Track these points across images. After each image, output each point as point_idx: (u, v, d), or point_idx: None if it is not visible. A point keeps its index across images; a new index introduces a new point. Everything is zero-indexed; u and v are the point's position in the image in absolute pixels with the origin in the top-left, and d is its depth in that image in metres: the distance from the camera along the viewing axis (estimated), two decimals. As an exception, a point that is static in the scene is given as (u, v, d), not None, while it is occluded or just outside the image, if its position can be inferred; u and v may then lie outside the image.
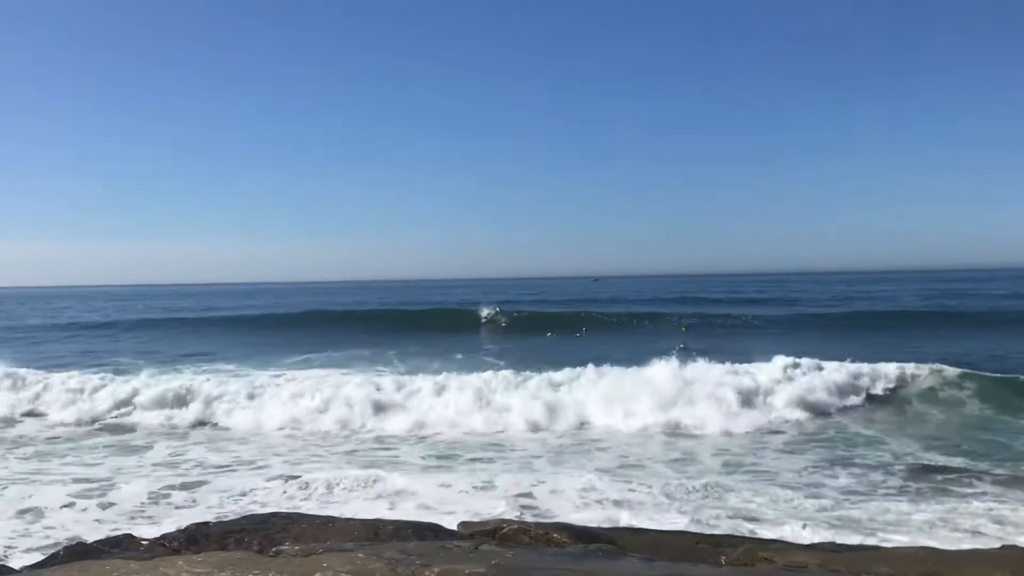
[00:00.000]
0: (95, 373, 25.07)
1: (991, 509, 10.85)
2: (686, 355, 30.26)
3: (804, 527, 9.99)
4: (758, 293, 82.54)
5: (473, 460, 15.87)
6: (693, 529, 10.05)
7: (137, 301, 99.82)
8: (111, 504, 12.75)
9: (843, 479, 12.76)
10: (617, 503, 11.83)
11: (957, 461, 13.97)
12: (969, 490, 11.87)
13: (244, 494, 13.19)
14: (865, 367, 20.53)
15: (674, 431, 17.80)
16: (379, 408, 19.93)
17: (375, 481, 13.54)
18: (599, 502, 11.95)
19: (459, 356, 29.58)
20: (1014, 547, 8.00)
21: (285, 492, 13.30)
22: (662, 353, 30.56)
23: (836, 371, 20.40)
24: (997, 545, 8.56)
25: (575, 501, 12.03)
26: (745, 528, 10.42)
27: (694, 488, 12.37)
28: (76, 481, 14.40)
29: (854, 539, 9.75)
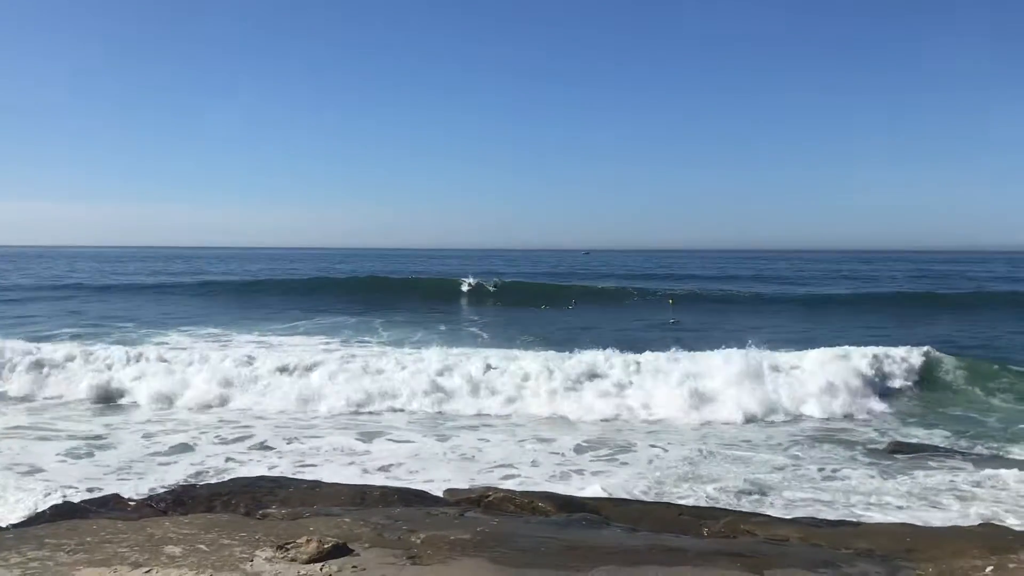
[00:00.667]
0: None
1: (962, 482, 11.00)
2: (677, 327, 30.47)
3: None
4: (746, 271, 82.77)
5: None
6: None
7: (128, 263, 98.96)
8: None
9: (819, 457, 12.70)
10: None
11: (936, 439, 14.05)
12: (946, 466, 11.99)
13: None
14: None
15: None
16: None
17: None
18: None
19: (442, 327, 29.39)
20: (991, 524, 8.12)
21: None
22: (652, 326, 30.74)
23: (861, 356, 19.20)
24: (976, 523, 8.68)
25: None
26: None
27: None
28: None
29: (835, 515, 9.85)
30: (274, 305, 37.44)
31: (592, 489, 10.57)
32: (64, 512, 7.53)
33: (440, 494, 9.13)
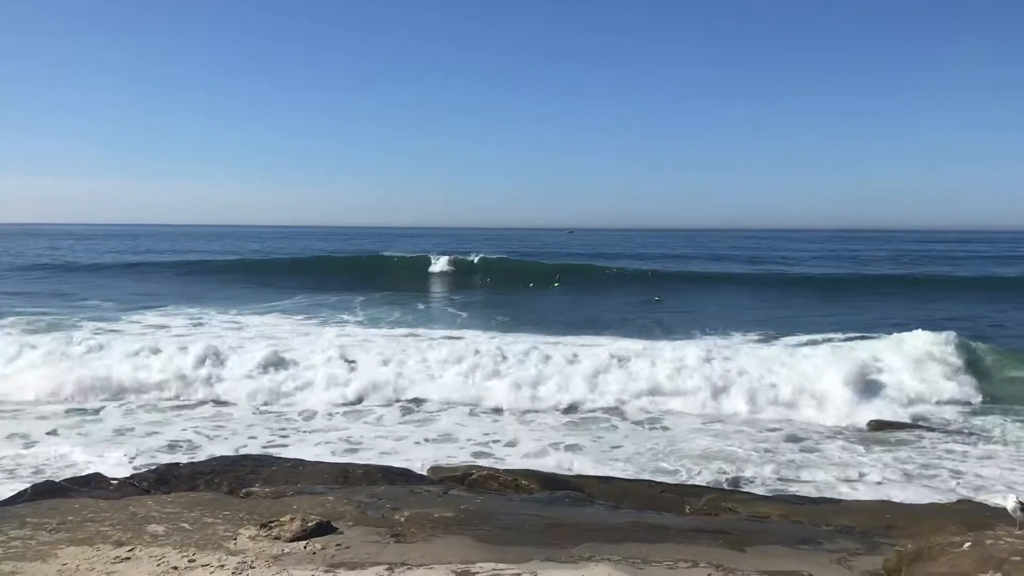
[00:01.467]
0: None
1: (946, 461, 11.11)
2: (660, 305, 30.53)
3: None
4: (730, 250, 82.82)
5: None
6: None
7: (118, 241, 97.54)
8: None
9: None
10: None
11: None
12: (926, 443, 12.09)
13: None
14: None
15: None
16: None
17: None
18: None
19: (421, 306, 29.29)
20: (969, 501, 8.22)
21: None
22: (637, 305, 30.75)
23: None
24: (954, 499, 8.79)
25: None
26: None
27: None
28: None
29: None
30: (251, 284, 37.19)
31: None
32: (45, 491, 7.47)
33: (424, 472, 9.16)
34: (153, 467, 9.11)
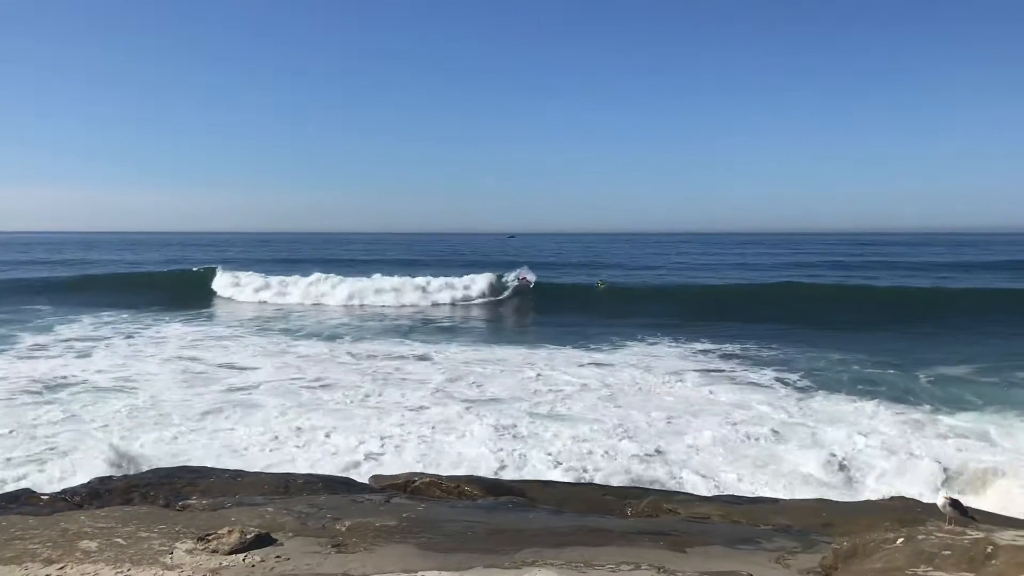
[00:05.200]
0: None
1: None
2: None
3: None
4: (670, 254, 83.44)
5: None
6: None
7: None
8: None
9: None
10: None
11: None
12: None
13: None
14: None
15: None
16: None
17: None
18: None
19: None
20: (902, 498, 8.42)
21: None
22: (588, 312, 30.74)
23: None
24: (887, 497, 8.99)
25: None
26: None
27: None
28: None
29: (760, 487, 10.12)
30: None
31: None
32: (-30, 509, 7.23)
33: (366, 480, 9.08)
34: (86, 481, 8.87)
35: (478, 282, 38.70)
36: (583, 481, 10.30)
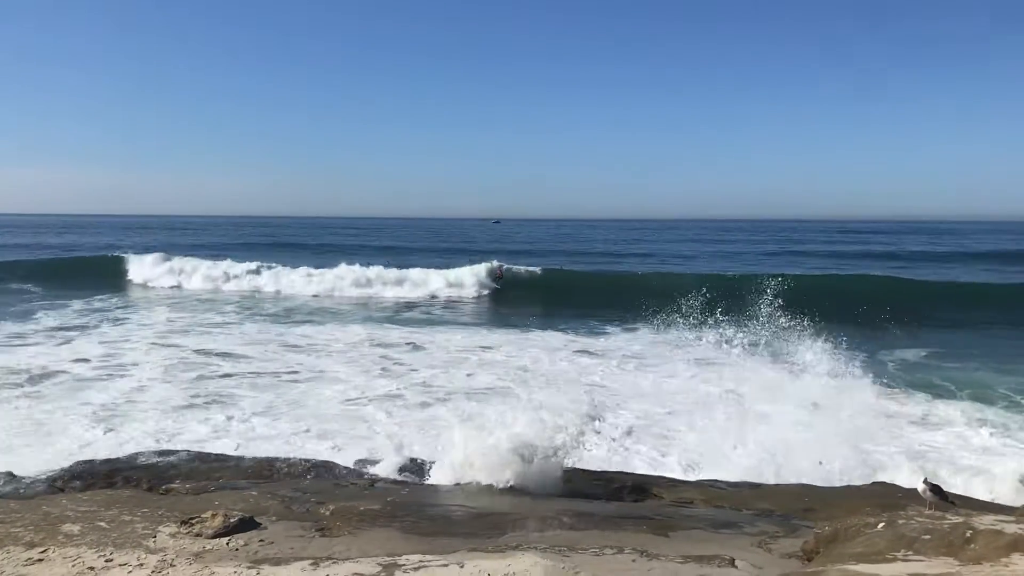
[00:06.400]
0: None
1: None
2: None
3: None
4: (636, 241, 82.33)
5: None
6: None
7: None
8: None
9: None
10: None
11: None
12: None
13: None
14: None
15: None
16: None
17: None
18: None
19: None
20: (883, 484, 8.49)
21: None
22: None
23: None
24: (869, 482, 9.05)
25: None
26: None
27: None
28: None
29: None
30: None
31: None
32: (-49, 493, 7.19)
33: (350, 465, 9.07)
34: (68, 465, 8.81)
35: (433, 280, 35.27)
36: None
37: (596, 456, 11.10)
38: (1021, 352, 19.63)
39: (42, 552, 5.05)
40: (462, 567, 4.67)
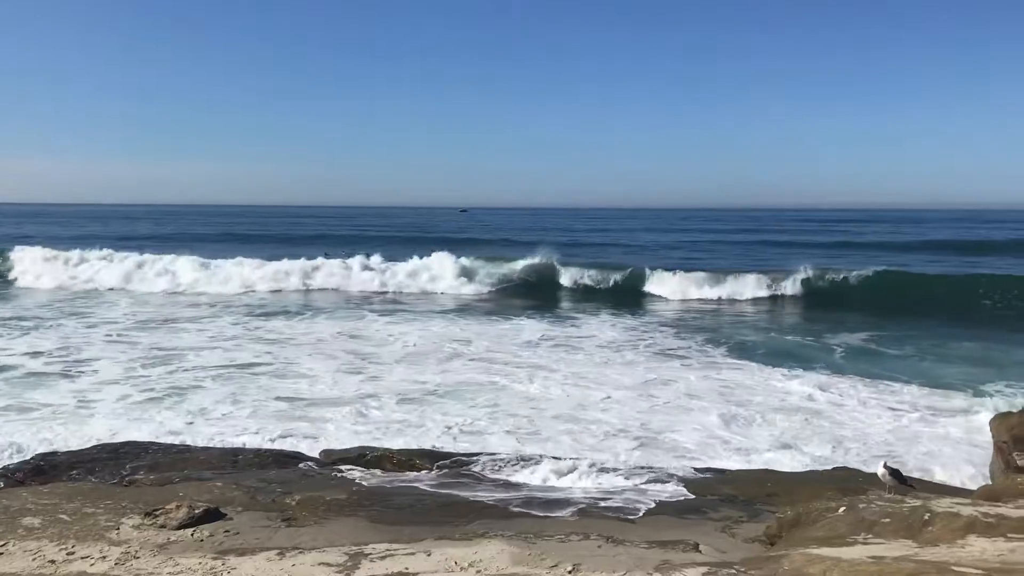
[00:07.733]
0: None
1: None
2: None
3: None
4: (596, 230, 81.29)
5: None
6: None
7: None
8: None
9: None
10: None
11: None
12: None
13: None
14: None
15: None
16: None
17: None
18: None
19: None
20: (845, 468, 8.61)
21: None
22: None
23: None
24: (829, 467, 9.19)
25: None
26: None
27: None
28: None
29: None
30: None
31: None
32: (-92, 487, 7.06)
33: (315, 454, 9.03)
34: (28, 458, 8.68)
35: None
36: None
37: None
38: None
39: (1, 546, 4.99)
40: (429, 555, 4.68)
